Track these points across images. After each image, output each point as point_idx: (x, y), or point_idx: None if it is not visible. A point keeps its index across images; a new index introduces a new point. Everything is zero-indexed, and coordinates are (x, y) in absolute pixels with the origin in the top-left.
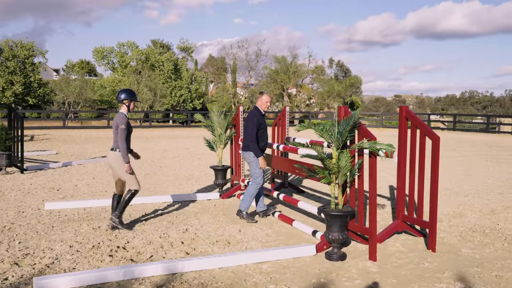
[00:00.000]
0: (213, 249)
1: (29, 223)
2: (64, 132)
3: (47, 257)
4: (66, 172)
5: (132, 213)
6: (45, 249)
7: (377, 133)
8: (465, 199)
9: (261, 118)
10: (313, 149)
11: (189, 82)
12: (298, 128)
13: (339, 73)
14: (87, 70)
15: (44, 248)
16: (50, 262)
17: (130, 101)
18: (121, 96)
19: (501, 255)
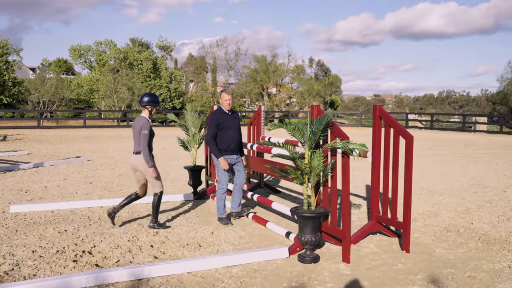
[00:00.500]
0: (183, 253)
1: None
2: (39, 132)
3: (7, 263)
4: (36, 173)
5: (102, 216)
6: (5, 255)
7: (356, 132)
8: (440, 198)
9: (223, 117)
10: (285, 148)
11: (168, 81)
12: (269, 127)
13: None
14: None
15: (5, 254)
16: (9, 269)
17: (153, 107)
18: (144, 100)
19: (475, 255)
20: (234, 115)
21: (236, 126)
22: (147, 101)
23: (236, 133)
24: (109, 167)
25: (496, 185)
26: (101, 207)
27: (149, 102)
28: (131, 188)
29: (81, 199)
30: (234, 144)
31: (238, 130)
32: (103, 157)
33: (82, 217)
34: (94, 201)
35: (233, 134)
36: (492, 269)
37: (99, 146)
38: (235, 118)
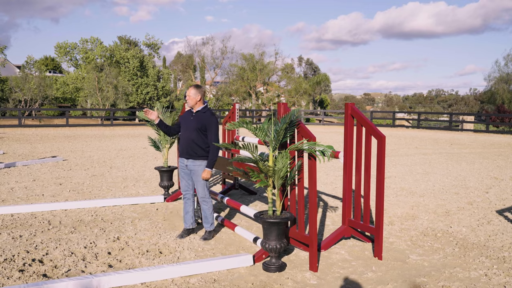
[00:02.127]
0: (140, 261)
1: None
2: (20, 131)
3: None
4: (6, 173)
5: (64, 219)
6: None
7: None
8: (420, 200)
9: (185, 116)
10: (247, 149)
11: (156, 80)
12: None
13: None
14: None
15: None
16: None
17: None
18: None
19: (450, 262)
20: (197, 115)
21: (191, 127)
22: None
23: (189, 135)
24: (84, 167)
25: (478, 185)
26: (64, 210)
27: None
28: (101, 189)
29: (45, 202)
30: (184, 146)
31: (192, 132)
32: (80, 157)
33: (42, 221)
34: (58, 204)
35: (186, 135)
36: (467, 277)
37: (79, 145)
38: (195, 118)
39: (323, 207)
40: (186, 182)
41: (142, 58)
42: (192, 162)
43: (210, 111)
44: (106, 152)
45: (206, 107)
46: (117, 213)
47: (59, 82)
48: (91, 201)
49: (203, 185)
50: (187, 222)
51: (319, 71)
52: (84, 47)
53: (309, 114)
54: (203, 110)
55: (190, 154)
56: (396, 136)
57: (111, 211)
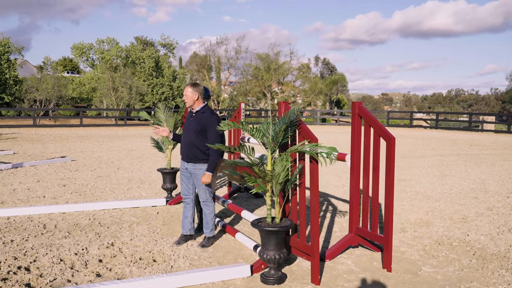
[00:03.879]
0: (131, 270)
1: None
2: (35, 131)
3: None
4: (12, 174)
5: (60, 223)
6: None
7: None
8: (436, 204)
9: (187, 117)
10: (243, 152)
11: (171, 80)
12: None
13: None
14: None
15: None
16: None
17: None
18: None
19: (467, 275)
20: (196, 116)
21: (190, 129)
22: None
23: (188, 137)
24: (91, 168)
25: (499, 189)
26: (62, 213)
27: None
28: (104, 191)
29: (43, 204)
30: (184, 149)
31: (192, 134)
32: (89, 157)
33: (37, 225)
34: (56, 207)
35: (185, 138)
36: None
37: (90, 145)
38: (194, 119)
39: (332, 212)
40: (186, 186)
41: (158, 58)
42: (192, 166)
43: (210, 110)
44: (116, 152)
45: (205, 107)
46: (116, 216)
47: (75, 83)
48: (91, 203)
49: (204, 189)
50: (185, 228)
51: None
52: (100, 47)
53: (325, 114)
54: (202, 110)
55: (190, 158)
56: (413, 137)
57: (109, 215)
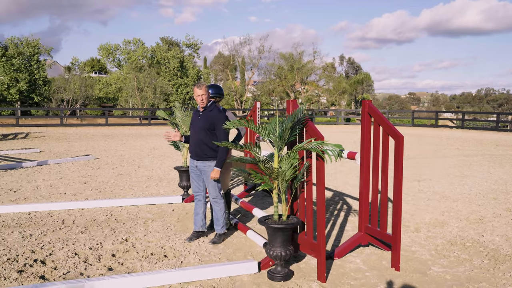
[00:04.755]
0: (142, 265)
1: None
2: (62, 130)
3: None
4: (37, 171)
5: (78, 219)
6: None
7: None
8: (453, 205)
9: (194, 116)
10: (248, 149)
11: (196, 80)
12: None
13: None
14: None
15: None
16: None
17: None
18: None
19: (477, 276)
20: (204, 114)
21: (198, 127)
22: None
23: (197, 135)
24: (112, 166)
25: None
26: (81, 209)
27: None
28: (123, 189)
29: (64, 201)
30: (193, 147)
31: (200, 132)
32: (112, 156)
33: (56, 220)
34: (75, 203)
35: (193, 135)
36: None
37: (113, 144)
38: (202, 117)
39: (346, 211)
40: (197, 183)
41: (182, 59)
42: (202, 163)
43: (217, 108)
44: (138, 151)
45: (212, 105)
46: (132, 213)
47: (101, 83)
48: (109, 200)
49: (214, 186)
50: (197, 224)
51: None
52: (126, 48)
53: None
54: (209, 108)
55: (200, 156)
56: (438, 137)
57: (126, 211)
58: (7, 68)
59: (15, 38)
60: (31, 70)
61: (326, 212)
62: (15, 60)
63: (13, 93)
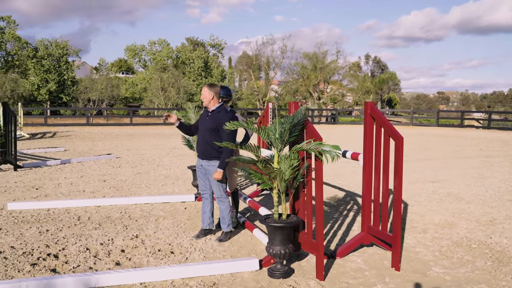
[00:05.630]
0: (148, 260)
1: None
2: (88, 130)
3: None
4: (60, 169)
5: (93, 216)
6: None
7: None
8: (466, 206)
9: (202, 116)
10: (249, 150)
11: (220, 79)
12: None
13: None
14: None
15: None
16: None
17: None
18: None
19: (477, 277)
20: (212, 115)
21: (204, 128)
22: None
23: (203, 135)
24: (132, 164)
25: None
26: (97, 206)
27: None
28: (140, 187)
29: (82, 198)
30: (200, 146)
31: (206, 132)
32: (133, 155)
33: (73, 217)
34: (92, 200)
35: (201, 136)
36: None
37: (136, 143)
38: (210, 118)
39: (355, 211)
40: (204, 182)
41: (207, 59)
42: (207, 163)
43: (225, 109)
44: (159, 150)
45: (220, 106)
46: (146, 211)
47: (127, 83)
48: (124, 198)
49: (218, 185)
50: (204, 222)
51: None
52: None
53: None
54: (217, 109)
55: (205, 155)
56: (463, 137)
57: (140, 209)
58: (38, 69)
59: (45, 40)
60: (60, 71)
61: (335, 212)
62: (45, 61)
63: (43, 93)
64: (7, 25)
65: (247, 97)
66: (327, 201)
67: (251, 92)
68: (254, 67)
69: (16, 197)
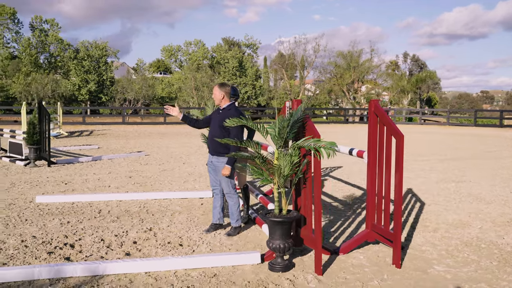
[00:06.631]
0: (157, 251)
1: (9, 215)
2: (123, 128)
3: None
4: (90, 166)
5: (113, 209)
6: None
7: (440, 131)
8: (484, 207)
9: (215, 113)
10: (249, 146)
11: (254, 79)
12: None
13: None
14: (163, 68)
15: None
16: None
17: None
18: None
19: (479, 276)
20: (223, 113)
21: (215, 125)
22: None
23: (213, 132)
24: (160, 162)
25: None
26: (119, 201)
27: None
28: (163, 183)
29: (106, 193)
30: (210, 144)
31: (216, 129)
32: (162, 153)
33: (94, 210)
34: (115, 195)
35: (211, 133)
36: None
37: (166, 141)
38: (220, 116)
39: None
40: (214, 177)
41: (241, 58)
42: (216, 159)
43: (235, 108)
44: (187, 148)
45: (231, 105)
46: (164, 206)
47: (164, 83)
48: (145, 193)
49: (227, 181)
50: (215, 217)
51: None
52: (187, 49)
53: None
54: (228, 107)
55: (215, 152)
56: (501, 137)
57: (158, 204)
58: (78, 70)
59: (86, 42)
60: (100, 71)
61: (349, 210)
62: (85, 62)
63: (84, 93)
64: (51, 27)
65: (279, 97)
66: (342, 199)
67: (283, 92)
68: (288, 67)
69: (45, 191)
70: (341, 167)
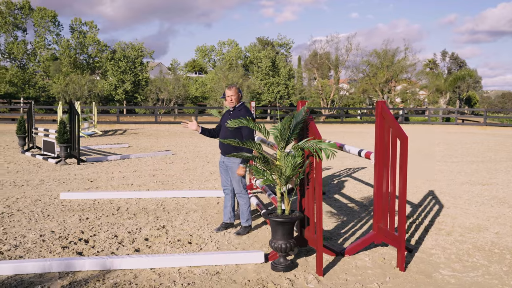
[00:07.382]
0: (165, 248)
1: (33, 211)
2: (156, 127)
3: (11, 244)
4: (118, 164)
5: (132, 207)
6: (18, 236)
7: (479, 132)
8: (506, 211)
9: (226, 114)
10: (251, 146)
11: (287, 79)
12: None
13: (453, 66)
14: (198, 68)
15: (18, 235)
16: (7, 249)
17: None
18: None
19: (484, 282)
20: (234, 113)
21: (226, 125)
22: None
23: (225, 132)
24: (185, 161)
25: None
26: (139, 198)
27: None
28: (184, 182)
29: (127, 190)
30: (221, 144)
31: (227, 130)
32: (189, 151)
33: (114, 207)
34: (135, 193)
35: (222, 133)
36: None
37: (195, 140)
38: (233, 115)
39: None
40: (225, 177)
41: (274, 58)
42: (227, 159)
43: (246, 108)
44: (214, 147)
45: (241, 105)
46: (180, 204)
47: (198, 83)
48: (164, 191)
49: (238, 181)
50: (226, 216)
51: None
52: (220, 49)
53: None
54: (239, 107)
55: (226, 152)
56: None
57: (176, 202)
58: (115, 70)
59: (122, 43)
60: (135, 71)
61: (364, 211)
62: (121, 63)
63: (120, 93)
64: (90, 29)
65: (311, 96)
66: (359, 201)
67: (315, 91)
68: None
69: (71, 188)
70: (365, 167)
